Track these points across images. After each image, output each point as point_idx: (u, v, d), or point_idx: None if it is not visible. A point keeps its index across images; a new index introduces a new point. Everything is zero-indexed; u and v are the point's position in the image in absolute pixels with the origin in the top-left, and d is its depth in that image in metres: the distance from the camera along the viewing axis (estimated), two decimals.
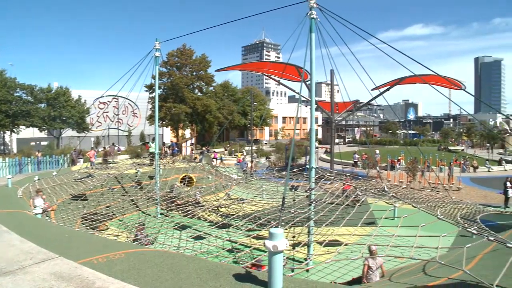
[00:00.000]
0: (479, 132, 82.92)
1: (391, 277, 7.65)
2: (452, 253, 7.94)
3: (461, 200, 23.32)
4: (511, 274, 4.74)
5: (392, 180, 35.72)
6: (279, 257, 3.70)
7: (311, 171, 13.71)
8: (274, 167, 43.12)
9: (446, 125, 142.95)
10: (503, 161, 50.42)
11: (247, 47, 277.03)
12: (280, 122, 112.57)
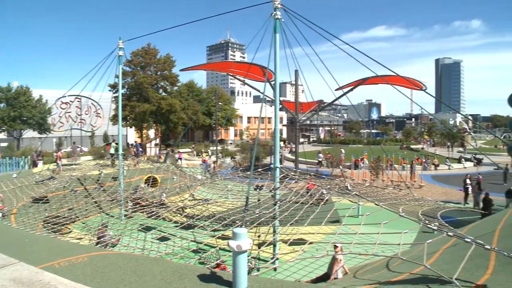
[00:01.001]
0: (439, 131, 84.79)
1: (355, 274, 7.75)
2: (414, 249, 8.10)
3: (422, 197, 23.81)
4: (469, 268, 4.87)
5: (356, 179, 36.21)
6: (243, 256, 3.70)
7: (275, 170, 13.77)
8: (239, 167, 43.14)
9: (408, 124, 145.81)
10: (462, 159, 51.80)
11: (212, 47, 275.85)
12: (245, 122, 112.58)
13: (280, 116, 57.07)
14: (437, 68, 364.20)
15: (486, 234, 6.65)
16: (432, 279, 4.93)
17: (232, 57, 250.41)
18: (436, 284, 4.70)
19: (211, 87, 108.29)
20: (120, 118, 23.27)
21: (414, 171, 38.66)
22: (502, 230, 6.49)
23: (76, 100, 64.80)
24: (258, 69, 27.15)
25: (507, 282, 4.25)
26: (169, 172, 25.61)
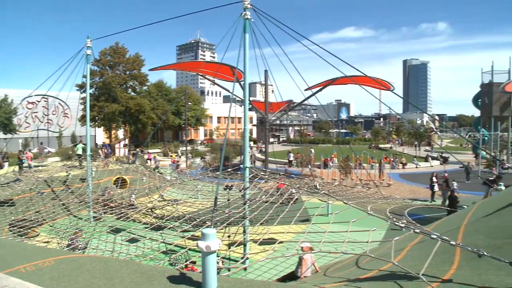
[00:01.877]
0: (407, 131, 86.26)
1: (325, 272, 7.79)
2: (382, 246, 8.19)
3: (390, 195, 24.18)
4: (435, 264, 4.96)
5: (326, 178, 36.51)
6: (212, 257, 3.68)
7: (245, 170, 13.77)
8: (209, 167, 43.01)
9: (376, 124, 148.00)
10: (429, 158, 52.82)
11: (182, 46, 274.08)
12: (215, 122, 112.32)
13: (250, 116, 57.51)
14: (404, 69, 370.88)
15: (452, 231, 6.77)
16: (399, 275, 4.99)
17: (202, 57, 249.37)
18: (404, 280, 4.76)
19: (180, 86, 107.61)
20: (88, 118, 22.91)
21: (383, 170, 39.21)
22: (466, 226, 6.62)
23: (43, 100, 63.59)
24: (227, 69, 27.17)
25: (471, 276, 4.34)
26: (138, 173, 25.34)
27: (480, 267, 4.53)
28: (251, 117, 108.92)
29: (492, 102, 43.15)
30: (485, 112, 45.66)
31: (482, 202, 8.59)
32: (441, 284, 4.34)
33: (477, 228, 6.22)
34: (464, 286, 4.12)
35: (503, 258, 4.12)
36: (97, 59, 59.07)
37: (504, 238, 5.18)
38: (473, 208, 8.22)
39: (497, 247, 4.97)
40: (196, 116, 78.83)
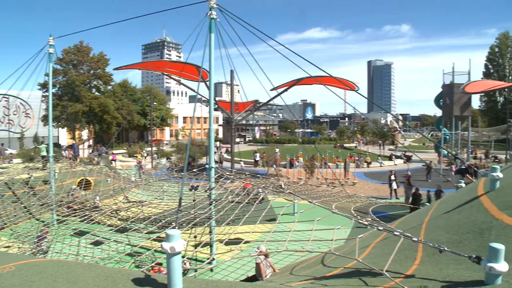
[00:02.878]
0: (371, 130, 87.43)
1: (292, 271, 7.84)
2: (348, 244, 8.30)
3: (355, 194, 24.47)
4: (399, 260, 5.05)
5: (291, 177, 36.71)
6: (177, 258, 3.65)
7: (210, 170, 13.74)
8: (175, 167, 42.68)
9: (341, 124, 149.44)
10: (393, 157, 53.74)
11: (147, 45, 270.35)
12: (181, 122, 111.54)
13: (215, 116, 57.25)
14: (369, 69, 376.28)
15: (415, 227, 6.91)
16: (364, 272, 5.07)
17: (168, 56, 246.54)
18: (368, 277, 4.83)
19: (146, 86, 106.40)
20: (51, 118, 22.48)
21: (348, 169, 39.69)
22: (428, 222, 6.77)
23: (3, 99, 61.80)
24: (193, 69, 26.98)
25: (432, 271, 4.44)
26: (102, 174, 24.94)
27: (441, 262, 4.63)
28: (217, 117, 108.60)
29: (453, 102, 44.26)
30: (446, 112, 46.81)
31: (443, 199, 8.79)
32: (404, 280, 4.42)
33: (438, 225, 6.36)
34: (426, 280, 4.21)
35: (462, 253, 4.23)
36: (60, 57, 57.87)
37: (463, 233, 5.32)
38: (434, 205, 8.40)
39: (457, 242, 5.09)
40: (161, 116, 78.04)
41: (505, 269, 3.62)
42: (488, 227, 5.16)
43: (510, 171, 8.07)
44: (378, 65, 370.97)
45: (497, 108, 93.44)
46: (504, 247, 3.69)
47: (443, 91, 47.14)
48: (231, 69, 26.36)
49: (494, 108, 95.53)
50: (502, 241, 4.31)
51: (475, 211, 5.94)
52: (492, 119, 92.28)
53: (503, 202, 5.75)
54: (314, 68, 14.50)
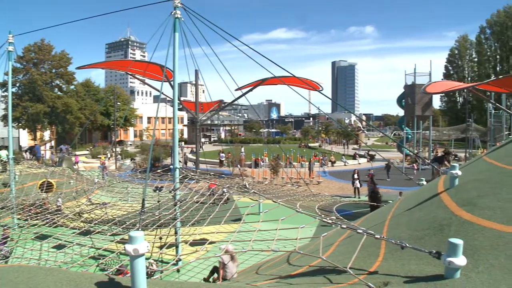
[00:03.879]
0: (335, 130, 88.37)
1: (258, 270, 7.85)
2: (313, 243, 8.36)
3: (320, 192, 24.70)
4: (362, 257, 5.13)
5: (257, 177, 36.79)
6: (141, 260, 3.61)
7: (175, 171, 13.66)
8: (139, 168, 42.21)
9: (306, 123, 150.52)
10: (357, 156, 54.51)
11: (111, 44, 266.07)
12: (145, 122, 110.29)
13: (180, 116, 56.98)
14: (333, 70, 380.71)
15: (378, 225, 7.02)
16: (329, 269, 5.12)
17: (132, 55, 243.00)
18: (333, 274, 4.89)
19: (109, 86, 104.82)
20: (10, 119, 21.92)
21: (312, 168, 40.05)
22: (391, 220, 6.89)
23: None
24: (158, 68, 26.71)
25: (395, 267, 4.53)
26: (65, 176, 24.43)
27: (403, 258, 4.73)
28: (182, 117, 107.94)
29: (415, 102, 45.21)
30: (408, 111, 47.75)
31: (405, 197, 8.97)
32: (367, 276, 4.49)
33: (400, 222, 6.48)
34: (389, 276, 4.29)
35: (423, 248, 4.33)
36: (21, 56, 56.43)
37: (424, 229, 5.43)
38: (397, 202, 8.56)
39: (418, 238, 5.21)
40: (124, 116, 77.01)
41: (463, 263, 3.73)
42: (448, 223, 5.29)
43: (468, 169, 8.29)
44: (342, 65, 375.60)
45: (457, 108, 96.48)
46: (463, 242, 3.80)
47: (405, 92, 48.09)
48: (195, 69, 26.23)
49: (454, 108, 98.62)
50: (461, 236, 4.44)
51: (436, 208, 6.08)
52: (452, 119, 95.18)
53: (462, 199, 5.91)
54: (279, 68, 14.58)
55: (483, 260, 4.19)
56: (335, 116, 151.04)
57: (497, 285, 3.71)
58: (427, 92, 39.98)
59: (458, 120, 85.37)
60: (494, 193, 5.85)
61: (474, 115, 72.95)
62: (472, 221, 5.14)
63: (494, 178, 6.59)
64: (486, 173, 7.07)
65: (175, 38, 13.79)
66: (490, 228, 4.88)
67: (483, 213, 5.26)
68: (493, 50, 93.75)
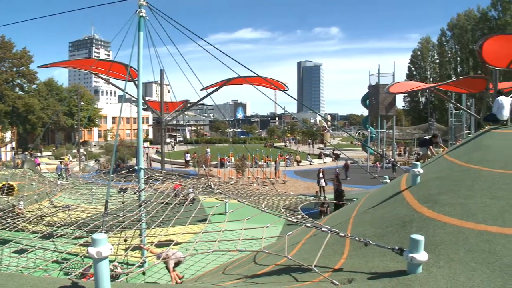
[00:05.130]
0: (301, 130, 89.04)
1: (224, 270, 7.84)
2: (279, 242, 8.40)
3: (285, 192, 24.85)
4: (327, 255, 5.18)
5: (222, 177, 36.74)
6: (104, 263, 3.56)
7: (139, 172, 13.51)
8: (104, 169, 41.58)
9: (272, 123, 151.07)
10: (322, 155, 55.04)
11: (75, 43, 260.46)
12: (110, 123, 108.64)
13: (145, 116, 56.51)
14: (299, 70, 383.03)
15: (343, 223, 7.10)
16: (294, 268, 5.16)
17: (97, 54, 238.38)
18: (298, 273, 4.93)
19: (73, 85, 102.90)
20: None
21: (278, 168, 40.25)
22: (355, 218, 6.98)
23: None
24: (122, 68, 26.40)
25: (359, 264, 4.59)
26: (26, 178, 23.81)
27: (367, 254, 4.81)
28: (147, 117, 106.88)
29: (379, 102, 45.98)
30: (372, 111, 48.56)
31: (369, 195, 9.10)
32: (332, 274, 4.54)
33: (364, 219, 6.58)
34: (353, 273, 4.35)
35: (386, 245, 4.41)
36: None
37: (387, 226, 5.54)
38: (361, 200, 8.68)
39: (381, 235, 5.30)
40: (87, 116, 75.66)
41: (425, 258, 3.83)
42: (410, 220, 5.41)
43: (429, 167, 8.49)
44: (308, 66, 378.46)
45: (419, 108, 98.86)
46: (424, 238, 3.90)
47: (369, 92, 48.89)
48: (161, 69, 26.01)
49: (416, 108, 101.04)
50: (422, 233, 4.55)
51: (398, 205, 6.20)
52: (414, 118, 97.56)
53: (423, 196, 6.05)
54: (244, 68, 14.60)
55: (444, 255, 4.31)
56: (301, 116, 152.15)
57: (457, 278, 3.82)
58: (391, 92, 40.76)
59: (420, 119, 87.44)
60: (454, 190, 6.01)
61: (436, 115, 74.81)
62: (433, 218, 5.28)
63: (454, 175, 6.76)
64: (447, 171, 7.25)
65: (140, 37, 13.65)
66: (450, 224, 5.01)
67: (443, 210, 5.40)
68: (454, 52, 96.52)
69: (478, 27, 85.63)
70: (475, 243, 4.51)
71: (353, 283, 4.09)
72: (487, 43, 17.61)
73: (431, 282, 3.75)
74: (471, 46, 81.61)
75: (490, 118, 11.33)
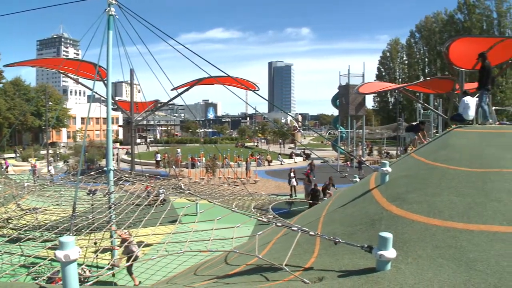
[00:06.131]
0: (272, 130, 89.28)
1: (196, 271, 7.82)
2: (250, 242, 8.42)
3: (256, 192, 24.89)
4: (298, 254, 5.22)
5: (193, 178, 36.56)
6: (72, 266, 3.50)
7: (109, 173, 13.35)
8: (73, 171, 40.91)
9: (243, 123, 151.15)
10: (293, 155, 55.29)
11: (43, 41, 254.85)
12: (79, 123, 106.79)
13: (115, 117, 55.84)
14: (270, 70, 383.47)
15: (313, 222, 7.16)
16: (265, 268, 5.18)
17: (65, 53, 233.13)
18: (269, 272, 4.94)
19: (40, 85, 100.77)
20: None
21: (249, 168, 40.27)
22: (325, 217, 7.04)
23: None
24: (91, 67, 26.04)
25: (329, 262, 4.64)
26: None
27: (337, 253, 4.86)
28: (117, 118, 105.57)
29: (349, 102, 46.52)
30: (342, 111, 49.08)
31: (339, 194, 9.19)
32: (303, 272, 4.57)
33: (334, 218, 6.65)
34: (324, 272, 4.39)
35: (355, 243, 4.47)
36: None
37: (357, 225, 5.61)
38: (331, 199, 8.77)
39: (351, 234, 5.37)
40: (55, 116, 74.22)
41: (393, 255, 3.89)
42: (379, 218, 5.49)
43: (398, 166, 8.62)
44: (279, 66, 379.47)
45: (389, 108, 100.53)
46: (392, 235, 3.96)
47: (340, 92, 49.40)
48: (130, 68, 25.76)
49: (385, 108, 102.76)
50: (391, 230, 4.63)
51: (368, 204, 6.29)
52: (384, 118, 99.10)
53: (392, 194, 6.15)
54: (215, 68, 14.59)
55: (412, 251, 4.39)
56: (272, 116, 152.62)
57: (425, 274, 3.90)
58: (360, 93, 41.29)
59: (389, 119, 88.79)
60: (421, 188, 6.13)
61: (405, 115, 76.06)
62: (401, 215, 5.37)
63: (421, 174, 6.89)
64: (414, 170, 7.38)
65: (109, 36, 13.47)
66: (418, 221, 5.11)
67: (411, 208, 5.50)
68: (422, 53, 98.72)
69: (445, 29, 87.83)
70: (442, 239, 4.62)
71: (323, 281, 4.12)
72: (453, 45, 18.03)
73: (399, 279, 3.82)
74: (438, 47, 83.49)
75: (457, 118, 11.59)
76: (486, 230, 4.75)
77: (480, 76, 11.47)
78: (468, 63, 17.53)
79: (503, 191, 5.69)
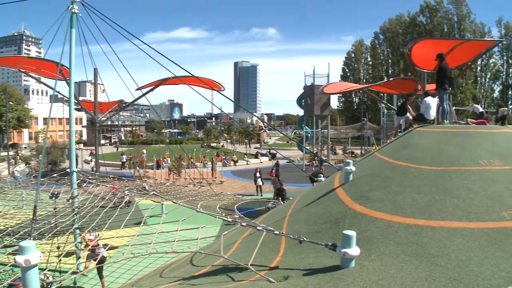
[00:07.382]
0: (238, 130, 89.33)
1: (162, 273, 7.77)
2: (216, 242, 8.41)
3: (222, 192, 24.87)
4: (263, 253, 5.24)
5: (159, 179, 36.26)
6: (33, 271, 3.43)
7: (72, 175, 13.10)
8: (35, 173, 39.98)
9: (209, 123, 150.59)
10: (259, 155, 55.45)
11: (3, 39, 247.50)
12: (41, 124, 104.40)
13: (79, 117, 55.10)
14: (236, 70, 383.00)
15: (278, 221, 7.20)
16: (231, 268, 5.18)
17: (27, 51, 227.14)
18: (235, 272, 4.95)
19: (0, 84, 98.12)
20: None
21: (215, 168, 40.20)
22: (290, 216, 7.10)
23: None
24: (54, 66, 25.55)
25: (295, 261, 4.68)
26: None
27: (302, 252, 4.90)
28: (81, 118, 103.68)
29: (314, 102, 46.88)
30: (308, 111, 49.47)
31: (304, 193, 9.27)
32: (269, 272, 4.60)
33: (299, 217, 6.70)
34: (289, 270, 4.43)
35: (320, 242, 4.52)
36: None
37: (321, 223, 5.68)
38: (296, 198, 8.83)
39: (316, 232, 5.43)
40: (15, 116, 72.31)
41: (357, 253, 3.96)
42: (343, 216, 5.57)
43: (361, 165, 8.76)
44: (244, 66, 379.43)
45: (353, 108, 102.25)
46: (356, 233, 4.03)
47: (305, 92, 49.76)
48: (94, 68, 25.35)
49: (350, 108, 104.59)
50: (355, 228, 4.70)
51: (332, 203, 6.37)
52: (348, 118, 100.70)
53: (356, 193, 6.25)
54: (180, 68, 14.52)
55: (375, 248, 4.48)
56: (238, 116, 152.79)
57: (388, 270, 3.98)
58: (325, 93, 41.72)
59: (354, 119, 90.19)
60: (384, 187, 6.25)
61: (369, 115, 77.19)
62: (365, 213, 5.47)
63: (384, 172, 7.03)
64: (378, 168, 7.52)
65: (72, 34, 13.21)
66: (381, 219, 5.22)
67: (374, 205, 5.61)
68: (386, 55, 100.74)
69: (408, 31, 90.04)
70: (404, 236, 4.72)
71: (288, 280, 4.16)
72: (415, 47, 18.43)
73: (363, 275, 3.88)
74: (401, 49, 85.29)
75: (418, 118, 11.83)
76: (446, 226, 4.89)
77: (438, 76, 11.73)
78: (430, 64, 17.93)
79: (462, 188, 5.86)
